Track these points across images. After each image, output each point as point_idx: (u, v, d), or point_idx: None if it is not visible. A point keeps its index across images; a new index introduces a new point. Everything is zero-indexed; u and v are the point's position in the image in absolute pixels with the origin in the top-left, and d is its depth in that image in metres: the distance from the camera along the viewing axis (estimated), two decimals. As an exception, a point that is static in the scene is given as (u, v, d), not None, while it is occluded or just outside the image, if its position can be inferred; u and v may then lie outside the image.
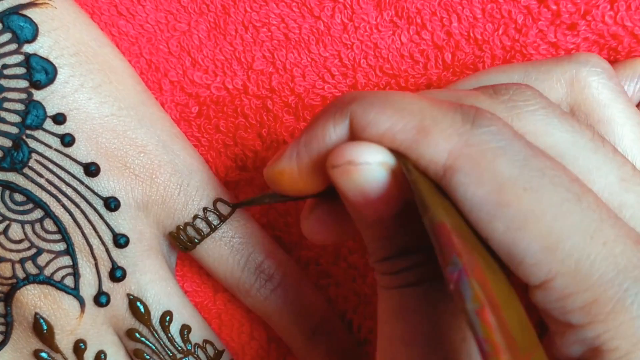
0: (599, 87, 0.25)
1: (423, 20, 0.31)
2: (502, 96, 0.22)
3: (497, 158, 0.19)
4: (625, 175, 0.22)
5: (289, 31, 0.31)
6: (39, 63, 0.27)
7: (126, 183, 0.28)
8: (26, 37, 0.27)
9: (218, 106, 0.31)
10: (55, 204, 0.27)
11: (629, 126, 0.25)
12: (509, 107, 0.22)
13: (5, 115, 0.27)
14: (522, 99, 0.22)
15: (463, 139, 0.20)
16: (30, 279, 0.28)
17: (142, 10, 0.31)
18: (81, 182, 0.28)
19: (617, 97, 0.25)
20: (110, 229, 0.28)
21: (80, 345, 0.28)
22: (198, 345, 0.29)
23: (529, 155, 0.20)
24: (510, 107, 0.22)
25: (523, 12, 0.31)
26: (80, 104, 0.27)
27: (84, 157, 0.28)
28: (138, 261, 0.28)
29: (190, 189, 0.29)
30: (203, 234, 0.29)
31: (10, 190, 0.27)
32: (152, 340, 0.29)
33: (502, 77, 0.26)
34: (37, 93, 0.27)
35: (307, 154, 0.22)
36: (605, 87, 0.25)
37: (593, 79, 0.25)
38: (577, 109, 0.25)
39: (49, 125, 0.27)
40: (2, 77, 0.27)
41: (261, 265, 0.30)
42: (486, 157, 0.19)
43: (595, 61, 0.25)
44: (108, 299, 0.28)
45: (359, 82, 0.31)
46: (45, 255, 0.28)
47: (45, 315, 0.28)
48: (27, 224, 0.27)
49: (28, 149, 0.27)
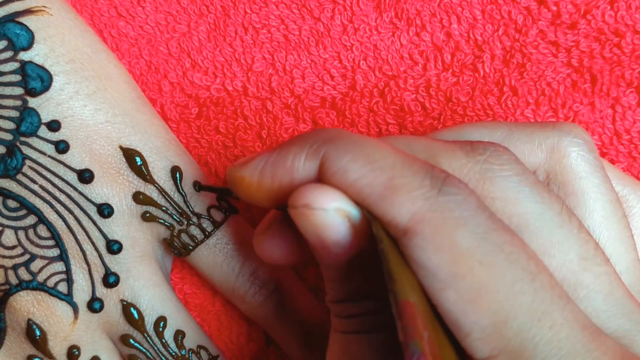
0: (577, 159, 0.25)
1: (423, 21, 0.31)
2: (478, 155, 0.22)
3: (458, 228, 0.19)
4: (586, 254, 0.22)
5: (288, 33, 0.31)
6: (35, 71, 0.27)
7: (120, 190, 0.28)
8: (22, 45, 0.27)
9: (218, 107, 0.31)
10: (49, 210, 0.27)
11: (601, 202, 0.25)
12: (483, 169, 0.22)
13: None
14: (498, 162, 0.22)
15: (428, 204, 0.20)
16: (23, 285, 0.28)
17: (142, 12, 0.31)
18: (75, 188, 0.28)
19: (594, 171, 0.25)
20: (103, 235, 0.28)
21: (73, 351, 0.28)
22: (192, 351, 0.29)
23: (490, 228, 0.20)
24: (485, 170, 0.22)
25: (523, 12, 0.31)
26: (75, 111, 0.27)
27: (78, 164, 0.28)
28: (131, 267, 0.28)
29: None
30: (197, 240, 0.29)
31: (4, 197, 0.27)
32: (146, 346, 0.28)
33: (484, 132, 0.26)
34: (32, 100, 0.27)
35: (270, 175, 0.23)
36: (584, 160, 0.25)
37: (573, 150, 0.25)
38: (553, 177, 0.25)
39: (43, 132, 0.27)
40: None
41: (256, 272, 0.30)
42: (447, 225, 0.19)
43: (578, 132, 0.25)
44: (102, 304, 0.28)
45: (358, 83, 0.31)
46: (38, 261, 0.28)
47: (39, 321, 0.28)
48: (20, 230, 0.27)
49: (22, 155, 0.27)
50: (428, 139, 0.23)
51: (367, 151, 0.21)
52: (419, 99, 0.31)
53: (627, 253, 0.24)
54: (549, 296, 0.19)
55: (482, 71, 0.31)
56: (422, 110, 0.31)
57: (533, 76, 0.31)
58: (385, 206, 0.20)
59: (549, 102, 0.31)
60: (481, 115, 0.31)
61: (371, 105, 0.31)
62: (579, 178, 0.25)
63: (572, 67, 0.31)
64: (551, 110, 0.31)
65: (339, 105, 0.31)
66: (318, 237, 0.21)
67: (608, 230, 0.24)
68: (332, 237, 0.21)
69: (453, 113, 0.31)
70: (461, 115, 0.31)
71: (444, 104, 0.31)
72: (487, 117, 0.31)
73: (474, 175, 0.22)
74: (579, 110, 0.31)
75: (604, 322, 0.21)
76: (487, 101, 0.31)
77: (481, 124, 0.26)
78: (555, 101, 0.31)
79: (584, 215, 0.24)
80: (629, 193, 0.28)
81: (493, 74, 0.31)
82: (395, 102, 0.31)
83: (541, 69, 0.31)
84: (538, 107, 0.31)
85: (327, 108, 0.31)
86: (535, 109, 0.31)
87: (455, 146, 0.23)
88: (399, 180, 0.20)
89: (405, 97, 0.31)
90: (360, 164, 0.21)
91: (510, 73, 0.31)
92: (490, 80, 0.31)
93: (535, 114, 0.31)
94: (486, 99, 0.31)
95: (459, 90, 0.31)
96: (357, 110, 0.31)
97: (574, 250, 0.22)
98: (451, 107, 0.31)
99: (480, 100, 0.31)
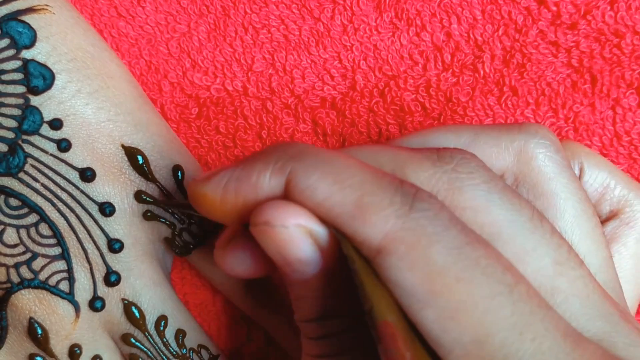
0: (545, 160, 0.25)
1: (423, 21, 0.31)
2: (445, 165, 0.22)
3: (432, 245, 0.19)
4: (560, 259, 0.21)
5: (288, 33, 0.31)
6: (37, 69, 0.27)
7: (121, 188, 0.28)
8: (24, 43, 0.27)
9: (218, 107, 0.31)
10: (51, 209, 0.27)
11: (571, 202, 0.25)
12: (451, 179, 0.22)
13: (1, 120, 0.27)
14: (465, 170, 0.22)
15: (400, 222, 0.19)
16: (25, 283, 0.28)
17: (142, 12, 0.31)
18: (76, 187, 0.28)
19: (562, 171, 0.25)
20: (104, 234, 0.28)
21: (75, 350, 0.28)
22: (193, 350, 0.29)
23: (464, 242, 0.19)
24: (453, 179, 0.22)
25: (523, 12, 0.31)
26: (77, 110, 0.27)
27: (79, 163, 0.28)
28: (133, 266, 0.28)
29: None
30: (198, 239, 0.29)
31: (6, 195, 0.27)
32: (147, 345, 0.29)
33: (450, 137, 0.26)
34: (34, 99, 0.27)
35: (234, 192, 0.22)
36: (551, 160, 0.25)
37: (540, 151, 0.25)
38: (522, 179, 0.25)
39: (45, 130, 0.27)
40: (0, 83, 0.27)
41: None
42: (421, 243, 0.19)
43: (544, 133, 0.25)
44: (103, 303, 0.28)
45: (358, 83, 0.31)
46: (40, 260, 0.28)
47: (40, 319, 0.28)
48: (22, 229, 0.27)
49: (24, 153, 0.27)
50: (394, 149, 0.23)
51: (335, 168, 0.21)
52: (419, 99, 0.31)
53: (599, 251, 0.24)
54: (528, 307, 0.19)
55: (482, 71, 0.31)
56: (422, 110, 0.31)
57: (533, 76, 0.31)
58: (357, 226, 0.20)
59: (549, 103, 0.31)
60: (481, 116, 0.31)
61: (371, 105, 0.31)
62: (548, 179, 0.25)
63: (572, 68, 0.31)
64: (551, 110, 0.31)
65: (339, 105, 0.31)
66: (280, 255, 0.21)
67: (580, 229, 0.24)
68: (295, 254, 0.21)
69: (453, 113, 0.31)
70: (461, 115, 0.31)
71: (444, 104, 0.31)
72: (487, 117, 0.31)
73: (443, 185, 0.22)
74: (579, 111, 0.31)
75: (583, 325, 0.21)
76: (487, 101, 0.31)
77: (446, 128, 0.26)
78: (555, 101, 0.31)
79: (555, 216, 0.24)
80: (634, 197, 0.27)
81: (493, 74, 0.31)
82: (395, 102, 0.31)
83: (541, 69, 0.31)
84: (538, 107, 0.31)
85: (327, 108, 0.32)
86: (535, 109, 0.31)
87: (421, 156, 0.23)
88: (369, 198, 0.20)
89: (405, 97, 0.31)
90: (329, 183, 0.20)
91: (510, 73, 0.31)
92: (490, 81, 0.31)
93: (535, 114, 0.31)
94: (486, 99, 0.31)
95: (459, 90, 0.31)
96: (357, 110, 0.31)
97: (548, 256, 0.21)
98: (451, 107, 0.31)
99: (480, 101, 0.31)
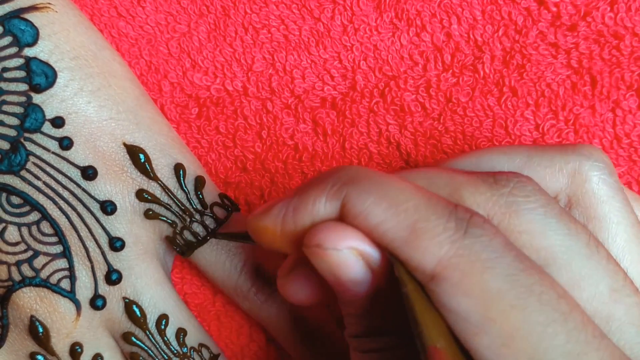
0: (599, 183, 0.25)
1: (423, 21, 0.31)
2: (502, 188, 0.22)
3: (486, 271, 0.19)
4: (616, 285, 0.22)
5: (288, 33, 0.31)
6: (39, 67, 0.27)
7: (123, 187, 0.28)
8: (27, 41, 0.27)
9: (218, 107, 0.31)
10: (52, 207, 0.27)
11: (624, 225, 0.25)
12: (508, 202, 0.22)
13: (3, 118, 0.27)
14: (522, 194, 0.22)
15: (454, 248, 0.20)
16: (26, 281, 0.28)
17: (142, 12, 0.31)
18: (78, 185, 0.28)
19: (615, 195, 0.25)
20: (106, 232, 0.28)
21: (76, 349, 0.28)
22: (194, 349, 0.29)
23: (519, 269, 0.20)
24: (510, 203, 0.22)
25: (523, 13, 0.31)
26: (79, 108, 0.27)
27: (81, 161, 0.28)
28: (134, 265, 0.28)
29: None
30: (200, 237, 0.29)
31: (7, 193, 0.27)
32: (148, 343, 0.29)
33: (503, 159, 0.26)
34: (37, 96, 0.27)
35: (293, 221, 0.22)
36: (605, 184, 0.25)
37: (594, 174, 0.25)
38: (575, 201, 0.25)
39: (47, 128, 0.27)
40: (2, 80, 0.27)
41: (258, 270, 0.30)
42: (475, 269, 0.19)
43: (598, 155, 0.25)
44: (104, 302, 0.28)
45: (359, 84, 0.31)
46: (41, 258, 0.28)
47: (41, 318, 0.28)
48: (23, 227, 0.27)
49: (26, 151, 0.27)
50: (449, 172, 0.23)
51: (390, 193, 0.21)
52: (419, 99, 0.31)
53: None
54: (583, 336, 0.19)
55: (482, 72, 0.31)
56: (422, 110, 0.31)
57: (533, 77, 0.31)
58: (411, 251, 0.20)
59: (549, 104, 0.31)
60: (481, 116, 0.31)
61: (371, 106, 0.31)
62: (601, 202, 0.25)
63: (572, 69, 0.31)
64: (551, 112, 0.31)
65: (339, 105, 0.31)
66: (332, 276, 0.21)
67: (631, 254, 0.24)
68: (347, 275, 0.21)
69: (453, 113, 0.31)
70: (461, 115, 0.31)
71: (444, 105, 0.31)
72: (487, 117, 0.31)
73: (499, 209, 0.22)
74: (580, 114, 0.31)
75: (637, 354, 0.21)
76: (487, 102, 0.31)
77: (499, 150, 0.26)
78: (555, 103, 0.31)
79: (606, 239, 0.24)
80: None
81: (493, 74, 0.31)
82: (395, 102, 0.31)
83: (541, 70, 0.31)
84: (538, 108, 0.31)
85: (327, 108, 0.32)
86: (535, 110, 0.31)
87: (478, 179, 0.23)
88: (423, 224, 0.20)
89: (405, 98, 0.31)
90: (383, 208, 0.21)
91: (510, 74, 0.31)
92: (490, 81, 0.31)
93: (535, 115, 0.31)
94: (486, 100, 0.31)
95: (459, 90, 0.31)
96: (357, 110, 0.31)
97: (604, 282, 0.21)
98: (451, 107, 0.31)
99: (480, 101, 0.31)
